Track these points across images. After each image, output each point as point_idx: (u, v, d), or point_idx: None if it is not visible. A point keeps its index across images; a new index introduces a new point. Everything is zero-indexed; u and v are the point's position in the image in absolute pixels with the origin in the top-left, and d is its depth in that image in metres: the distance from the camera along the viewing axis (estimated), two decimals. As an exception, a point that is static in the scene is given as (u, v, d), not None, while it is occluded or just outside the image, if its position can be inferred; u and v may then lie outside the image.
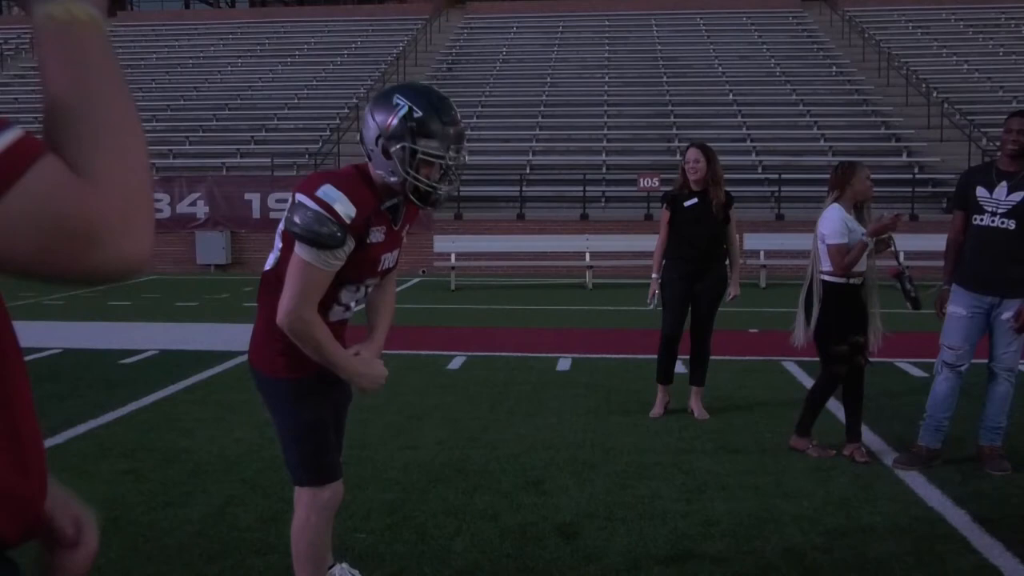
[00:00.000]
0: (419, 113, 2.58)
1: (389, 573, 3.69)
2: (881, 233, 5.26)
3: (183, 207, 19.18)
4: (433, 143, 2.59)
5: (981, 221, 5.07)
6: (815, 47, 27.93)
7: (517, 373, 7.87)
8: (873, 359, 8.50)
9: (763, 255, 15.81)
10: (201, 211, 19.19)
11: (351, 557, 3.73)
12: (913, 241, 16.08)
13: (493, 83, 25.70)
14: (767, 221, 17.71)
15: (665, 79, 25.36)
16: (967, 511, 4.36)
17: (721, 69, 26.05)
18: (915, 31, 28.68)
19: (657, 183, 18.41)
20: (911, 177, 19.27)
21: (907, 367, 8.01)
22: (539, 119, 23.19)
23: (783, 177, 18.85)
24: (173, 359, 8.54)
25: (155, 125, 23.29)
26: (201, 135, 22.73)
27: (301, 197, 2.60)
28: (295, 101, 24.52)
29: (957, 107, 22.20)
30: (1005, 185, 5.01)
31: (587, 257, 16.19)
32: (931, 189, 19.28)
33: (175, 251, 19.15)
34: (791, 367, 8.03)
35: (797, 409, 6.47)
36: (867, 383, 7.37)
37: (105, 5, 0.99)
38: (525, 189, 19.40)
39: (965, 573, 3.66)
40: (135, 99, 0.98)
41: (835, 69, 25.98)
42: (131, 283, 16.46)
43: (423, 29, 29.62)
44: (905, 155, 20.67)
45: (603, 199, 19.60)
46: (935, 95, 22.66)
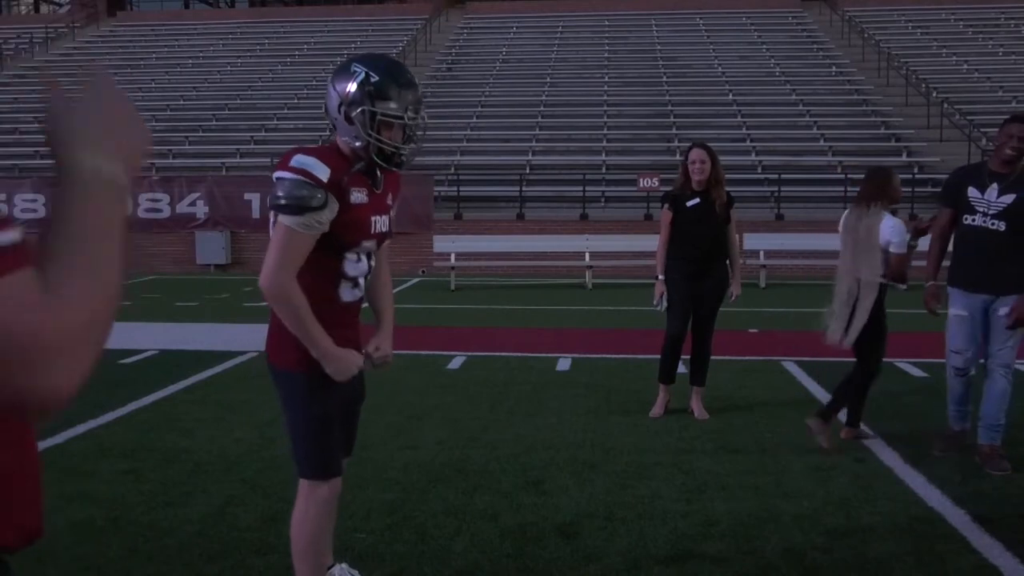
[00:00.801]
0: (376, 78, 2.73)
1: (389, 573, 3.69)
2: (922, 235, 5.46)
3: (183, 207, 19.19)
4: (391, 105, 2.73)
5: (972, 221, 5.17)
6: (815, 47, 27.93)
7: (517, 373, 7.87)
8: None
9: (763, 255, 15.81)
10: (201, 211, 19.18)
11: (351, 557, 3.73)
12: (913, 241, 16.11)
13: (493, 83, 25.70)
14: (767, 221, 17.71)
15: (665, 79, 25.36)
16: (967, 511, 4.36)
17: (721, 69, 26.05)
18: (915, 31, 28.68)
19: (657, 183, 18.41)
20: (911, 177, 19.25)
21: (907, 367, 8.01)
22: (539, 119, 23.19)
23: (783, 177, 18.85)
24: (173, 359, 8.54)
25: (155, 125, 23.28)
26: (201, 135, 22.73)
27: (279, 173, 2.73)
28: (295, 101, 24.52)
29: (957, 107, 22.20)
30: (996, 187, 5.10)
31: (587, 257, 16.19)
32: (931, 189, 19.26)
33: (175, 251, 19.15)
34: (791, 367, 8.03)
35: (798, 408, 6.49)
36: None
37: (133, 169, 1.05)
38: (525, 189, 19.40)
39: (965, 573, 3.66)
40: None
41: (835, 69, 25.98)
42: (131, 283, 16.47)
43: (423, 29, 29.61)
44: (905, 155, 20.67)
45: (603, 199, 19.60)
46: (935, 95, 22.66)
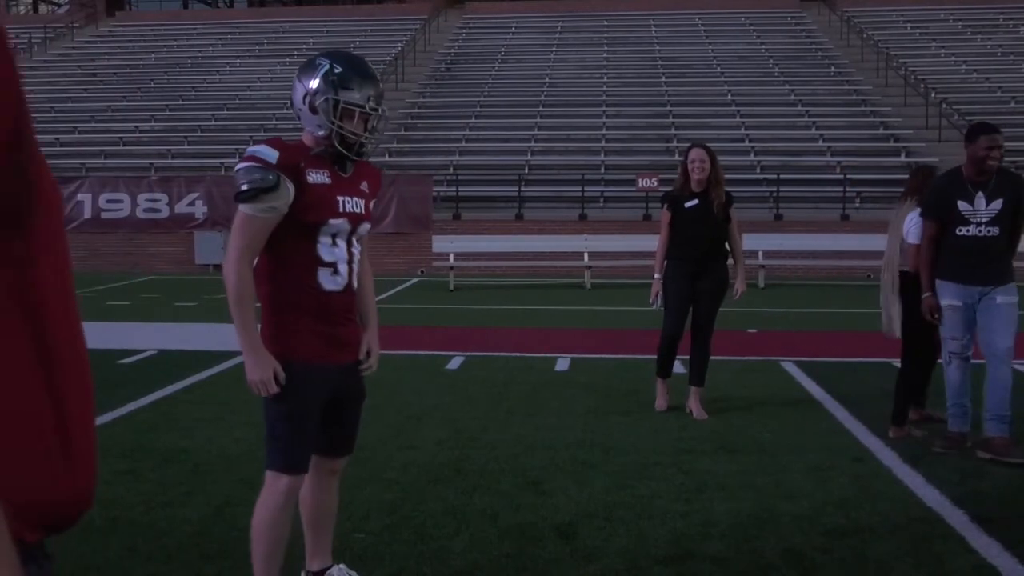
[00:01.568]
0: (339, 69, 2.89)
1: (388, 573, 3.69)
2: None
3: (182, 207, 19.18)
4: (353, 94, 2.88)
5: (967, 232, 5.33)
6: (813, 47, 27.94)
7: (516, 373, 7.87)
8: (870, 359, 8.54)
9: (761, 255, 15.80)
10: (200, 211, 19.18)
11: (350, 557, 3.73)
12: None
13: (492, 83, 25.70)
14: (766, 221, 17.71)
15: (664, 79, 25.37)
16: (965, 511, 4.36)
17: (720, 69, 26.05)
18: (913, 31, 28.69)
19: (656, 183, 18.41)
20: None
21: (906, 367, 8.00)
22: (538, 119, 23.19)
23: (782, 177, 18.86)
24: (172, 359, 8.53)
25: (153, 125, 23.28)
26: (200, 135, 22.72)
27: (236, 167, 2.87)
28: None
29: (955, 107, 22.21)
30: (982, 195, 5.29)
31: (586, 257, 16.19)
32: (929, 189, 19.27)
33: (174, 251, 19.15)
34: (790, 367, 8.03)
35: (797, 409, 6.50)
36: (864, 383, 7.41)
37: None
38: (523, 189, 19.40)
39: (963, 573, 3.66)
40: (135, 99, 0.98)
41: (833, 69, 25.99)
42: (130, 283, 16.46)
43: (422, 29, 29.61)
44: (903, 155, 20.67)
45: (602, 199, 19.60)
46: (933, 95, 22.66)
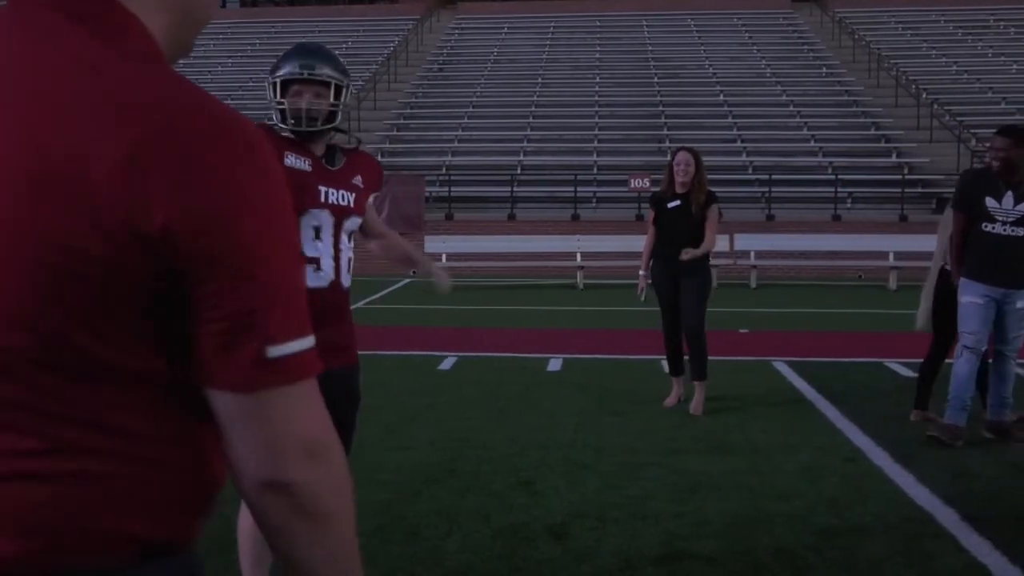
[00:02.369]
0: (282, 55, 3.00)
1: (381, 573, 3.69)
2: None
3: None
4: (283, 68, 2.92)
5: (992, 229, 5.49)
6: (805, 48, 28.01)
7: (508, 373, 7.88)
8: (861, 359, 8.58)
9: (753, 255, 15.83)
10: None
11: (343, 558, 3.73)
12: (903, 242, 16.16)
13: (484, 83, 25.71)
14: (758, 221, 17.75)
15: (656, 80, 25.41)
16: (956, 510, 4.38)
17: (712, 70, 26.11)
18: (905, 32, 28.79)
19: (648, 184, 18.42)
20: (900, 178, 19.34)
21: (896, 367, 8.04)
22: (530, 119, 23.21)
23: (773, 178, 18.89)
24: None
25: (145, 125, 23.20)
26: (191, 135, 22.65)
27: None
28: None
29: (947, 108, 22.29)
30: (1011, 195, 5.44)
31: (578, 257, 16.21)
32: (920, 190, 19.35)
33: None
34: (781, 367, 8.06)
35: (789, 408, 6.52)
36: (855, 383, 7.46)
37: None
38: (516, 189, 19.40)
39: (954, 572, 3.68)
40: None
41: (825, 70, 26.06)
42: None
43: (414, 29, 29.61)
44: (895, 156, 20.74)
45: (594, 199, 19.62)
46: (925, 96, 22.74)
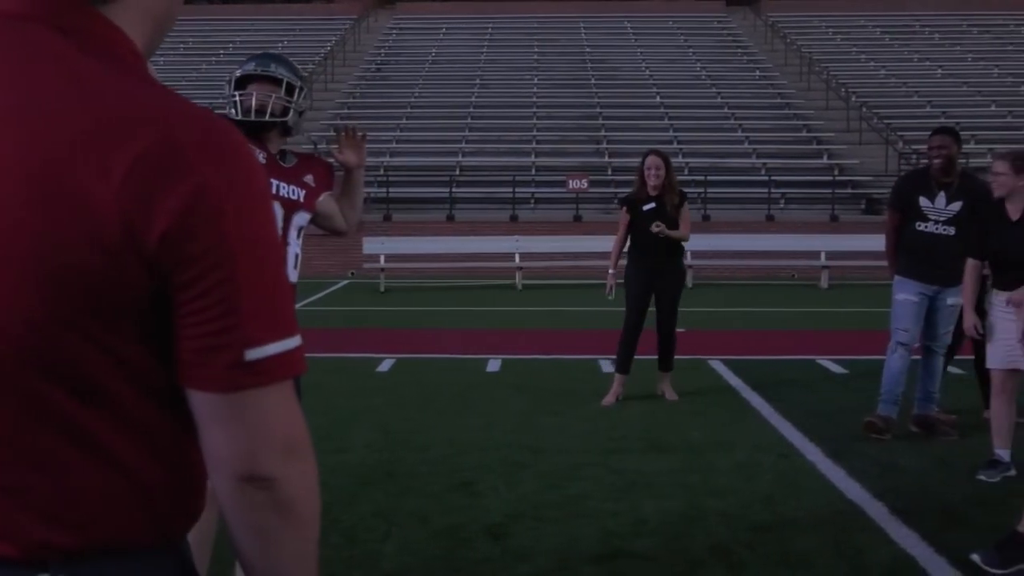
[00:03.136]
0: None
1: (317, 579, 3.64)
2: None
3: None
4: (244, 67, 3.10)
5: (925, 228, 5.66)
6: (739, 51, 28.48)
7: (447, 374, 7.85)
8: (794, 357, 8.74)
9: (689, 256, 16.00)
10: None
11: (278, 563, 3.68)
12: (834, 241, 16.50)
13: (422, 84, 25.64)
14: (693, 222, 17.87)
15: (593, 81, 25.59)
16: (885, 503, 4.48)
17: (648, 72, 26.39)
18: (835, 37, 29.44)
19: (586, 184, 18.58)
20: (831, 179, 19.77)
21: (827, 364, 8.21)
22: (469, 120, 23.20)
23: (709, 179, 19.15)
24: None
25: (74, 124, 22.65)
26: (122, 135, 22.18)
27: None
28: (220, 101, 24.09)
29: (875, 111, 22.84)
30: (943, 195, 5.62)
31: (517, 258, 16.23)
32: (851, 191, 19.81)
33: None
34: (717, 366, 8.17)
35: (725, 407, 6.62)
36: (789, 380, 7.58)
37: None
38: (455, 190, 19.38)
39: (883, 564, 3.76)
40: None
41: (758, 73, 26.52)
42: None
43: (351, 29, 29.39)
44: (826, 157, 21.19)
45: (532, 200, 19.69)
46: (854, 99, 23.28)
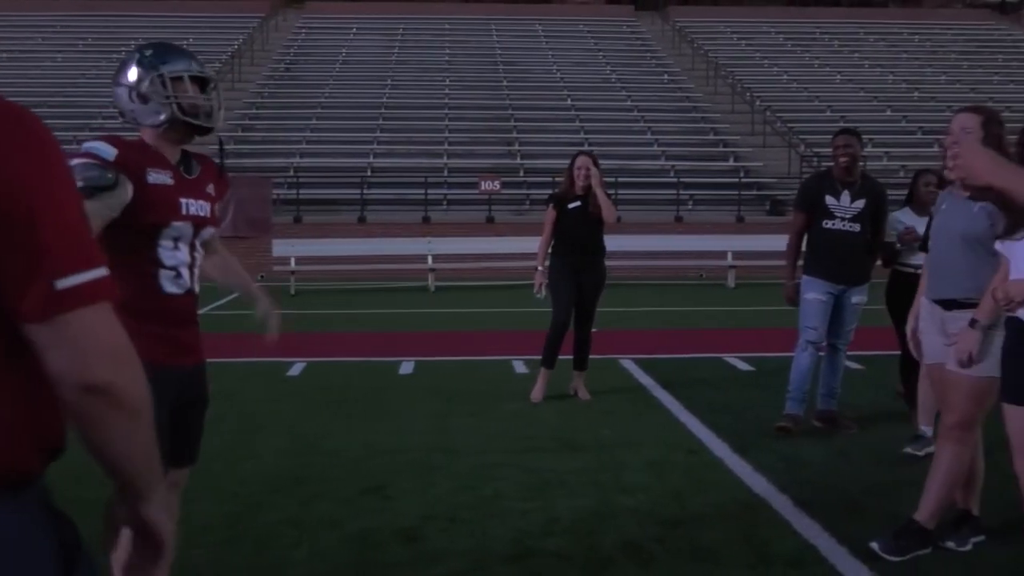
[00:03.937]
0: (150, 50, 2.89)
1: (226, 588, 3.57)
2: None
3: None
4: (174, 64, 2.84)
5: (832, 225, 5.82)
6: (648, 55, 28.95)
7: (359, 378, 7.78)
8: (703, 355, 8.92)
9: (601, 256, 16.21)
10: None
11: (187, 575, 3.59)
12: (740, 242, 16.90)
13: (333, 84, 25.35)
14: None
15: (505, 83, 25.69)
16: (789, 496, 4.60)
17: (559, 74, 26.61)
18: (740, 42, 30.17)
19: (498, 186, 18.63)
20: (737, 181, 20.24)
21: (734, 361, 8.40)
22: (380, 121, 23.02)
23: (619, 180, 19.39)
24: None
25: (-35, 122, 21.67)
26: (17, 134, 21.32)
27: (70, 162, 2.73)
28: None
29: (778, 115, 23.49)
30: (847, 193, 5.80)
31: (429, 260, 16.18)
32: (756, 192, 20.32)
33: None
34: (628, 364, 8.28)
35: (636, 405, 6.72)
36: (698, 378, 7.72)
37: None
38: (366, 192, 19.21)
39: (787, 554, 3.87)
40: None
41: (667, 77, 27.00)
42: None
43: (259, 28, 28.88)
44: (732, 160, 21.70)
45: (445, 201, 19.65)
46: (758, 103, 23.89)
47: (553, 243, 6.84)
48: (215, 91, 2.93)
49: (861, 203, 5.80)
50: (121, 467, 1.27)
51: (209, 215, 2.96)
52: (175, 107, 2.81)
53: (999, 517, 4.09)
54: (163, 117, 2.82)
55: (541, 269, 6.88)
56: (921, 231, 5.81)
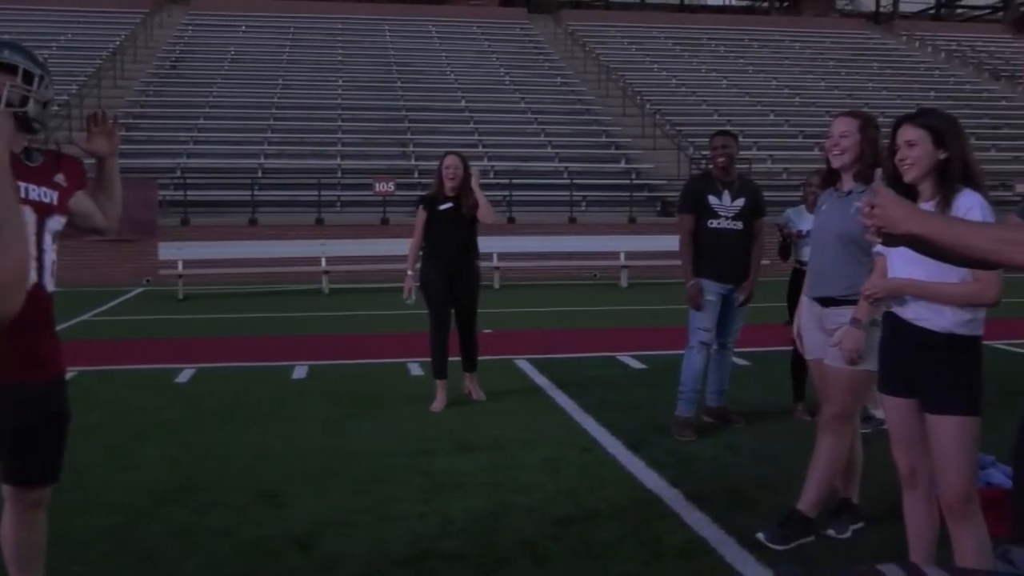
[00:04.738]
0: None
1: (110, 604, 3.44)
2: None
3: None
4: None
5: (717, 224, 5.95)
6: (541, 58, 29.20)
7: (251, 383, 7.61)
8: (596, 354, 9.04)
9: (496, 257, 16.27)
10: None
11: (65, 591, 3.45)
12: (632, 242, 17.23)
13: (221, 83, 24.73)
14: (499, 225, 18.27)
15: (399, 84, 25.54)
16: (681, 491, 4.72)
17: (453, 76, 26.60)
18: (630, 47, 30.73)
19: (392, 187, 18.51)
20: (629, 182, 20.62)
21: (627, 360, 8.55)
22: (271, 121, 22.59)
23: (514, 182, 19.53)
24: None
25: None
26: None
27: None
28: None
29: (668, 118, 24.02)
30: (728, 193, 5.96)
31: (323, 262, 15.96)
32: (647, 194, 20.73)
33: None
34: (523, 365, 8.34)
35: (530, 404, 6.76)
36: (592, 377, 7.84)
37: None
38: (257, 193, 18.81)
39: (678, 547, 3.96)
40: None
41: (560, 79, 27.29)
42: None
43: (143, 23, 27.97)
44: (623, 162, 22.08)
45: (338, 203, 19.41)
46: (648, 107, 24.39)
47: (424, 245, 6.75)
48: (40, 82, 2.86)
49: (741, 201, 5.97)
50: None
51: (55, 203, 2.90)
52: None
53: (876, 504, 4.28)
54: None
55: (411, 273, 6.79)
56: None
